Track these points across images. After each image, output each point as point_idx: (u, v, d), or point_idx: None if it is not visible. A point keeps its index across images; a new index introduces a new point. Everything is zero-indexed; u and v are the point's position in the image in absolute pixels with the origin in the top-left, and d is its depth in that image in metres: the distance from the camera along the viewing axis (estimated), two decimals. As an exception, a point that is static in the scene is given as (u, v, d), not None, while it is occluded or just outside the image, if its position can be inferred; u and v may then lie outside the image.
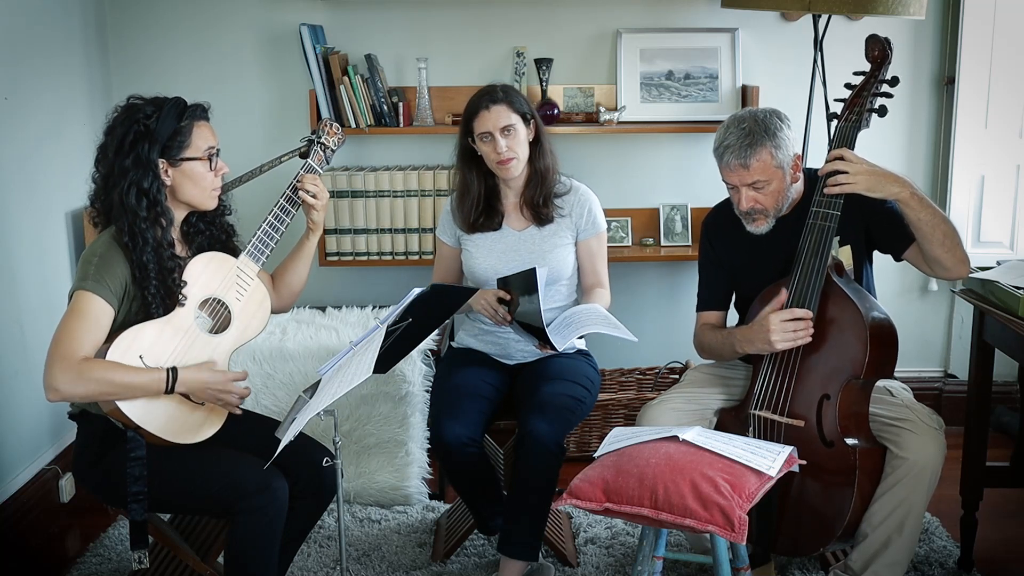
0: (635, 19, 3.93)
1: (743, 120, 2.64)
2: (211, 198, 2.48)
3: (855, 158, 2.57)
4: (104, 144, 2.42)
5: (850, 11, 3.24)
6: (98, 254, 2.36)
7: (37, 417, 3.36)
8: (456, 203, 3.05)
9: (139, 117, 2.37)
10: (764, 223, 2.71)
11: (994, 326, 2.81)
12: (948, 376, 4.18)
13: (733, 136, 2.62)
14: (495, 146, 2.88)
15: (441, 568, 3.05)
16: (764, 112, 2.66)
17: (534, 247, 2.99)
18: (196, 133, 2.43)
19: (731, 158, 2.62)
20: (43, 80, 3.42)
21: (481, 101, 2.91)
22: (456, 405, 2.83)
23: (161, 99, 2.42)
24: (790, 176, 2.67)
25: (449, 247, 3.10)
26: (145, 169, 2.35)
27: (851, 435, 2.58)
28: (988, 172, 3.94)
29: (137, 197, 2.35)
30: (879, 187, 2.54)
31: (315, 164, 2.67)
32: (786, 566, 2.99)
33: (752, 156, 2.60)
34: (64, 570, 3.08)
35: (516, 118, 2.90)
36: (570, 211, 3.01)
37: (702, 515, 2.19)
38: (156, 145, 2.36)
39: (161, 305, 2.39)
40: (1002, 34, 3.83)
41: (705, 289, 2.94)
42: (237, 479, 2.39)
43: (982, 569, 3.00)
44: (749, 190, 2.66)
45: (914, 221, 2.57)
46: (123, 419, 2.33)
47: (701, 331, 2.92)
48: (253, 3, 3.89)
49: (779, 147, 2.62)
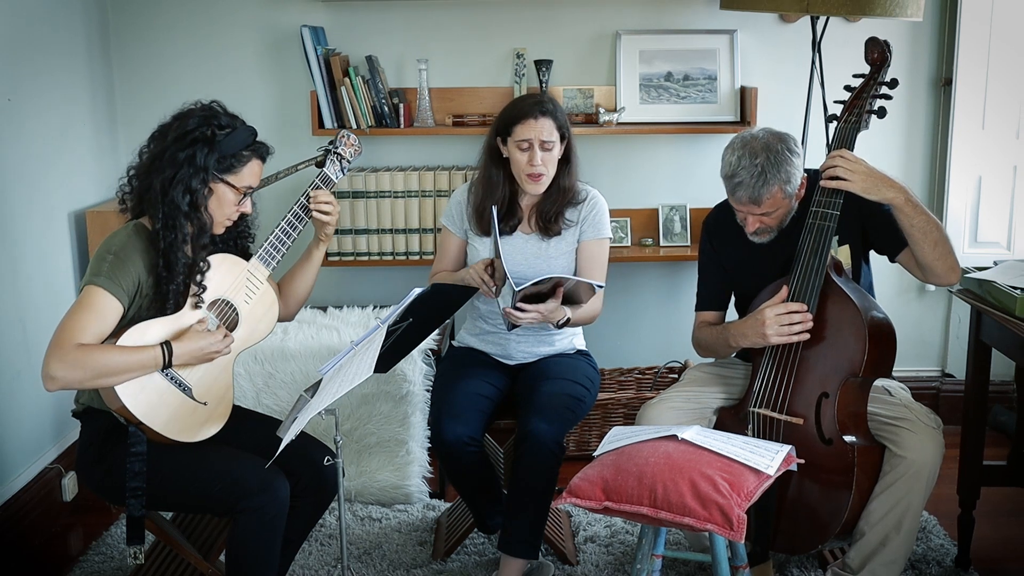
0: (634, 21, 3.92)
1: (756, 153, 2.59)
2: (221, 226, 2.48)
3: (854, 159, 2.58)
4: (167, 126, 2.41)
5: (848, 13, 3.24)
6: (113, 251, 2.35)
7: (40, 416, 3.35)
8: (474, 202, 3.00)
9: (213, 123, 2.38)
10: (767, 236, 2.73)
11: (991, 326, 2.81)
12: (945, 375, 4.18)
13: (746, 173, 2.59)
14: (532, 157, 2.85)
15: (441, 566, 3.05)
16: (776, 143, 2.61)
17: (540, 252, 2.98)
18: (248, 167, 2.44)
19: (743, 193, 2.62)
20: (46, 81, 3.41)
21: (532, 109, 2.86)
22: (457, 405, 2.82)
23: (237, 118, 2.44)
24: (795, 199, 2.69)
25: (455, 237, 3.07)
26: (197, 171, 2.35)
27: (849, 433, 2.58)
28: (985, 173, 3.94)
29: (183, 194, 2.35)
30: (875, 189, 2.55)
31: (330, 174, 2.66)
32: (784, 564, 2.99)
33: (764, 194, 2.60)
34: (66, 568, 3.07)
35: (557, 136, 2.88)
36: (579, 220, 2.99)
37: (701, 514, 2.18)
38: (214, 155, 2.37)
39: (175, 302, 2.38)
40: (999, 36, 3.83)
41: (704, 288, 2.94)
42: (239, 478, 2.38)
43: (979, 568, 2.99)
44: (758, 218, 2.67)
45: (907, 227, 2.58)
46: (127, 415, 2.33)
47: (699, 329, 2.92)
48: (254, 4, 3.89)
49: (789, 181, 2.62)
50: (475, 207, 2.99)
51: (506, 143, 2.90)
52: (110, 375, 2.27)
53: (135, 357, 2.30)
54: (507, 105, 2.98)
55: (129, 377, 2.30)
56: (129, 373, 2.29)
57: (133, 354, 2.30)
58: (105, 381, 2.28)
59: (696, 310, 2.96)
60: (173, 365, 2.35)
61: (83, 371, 2.24)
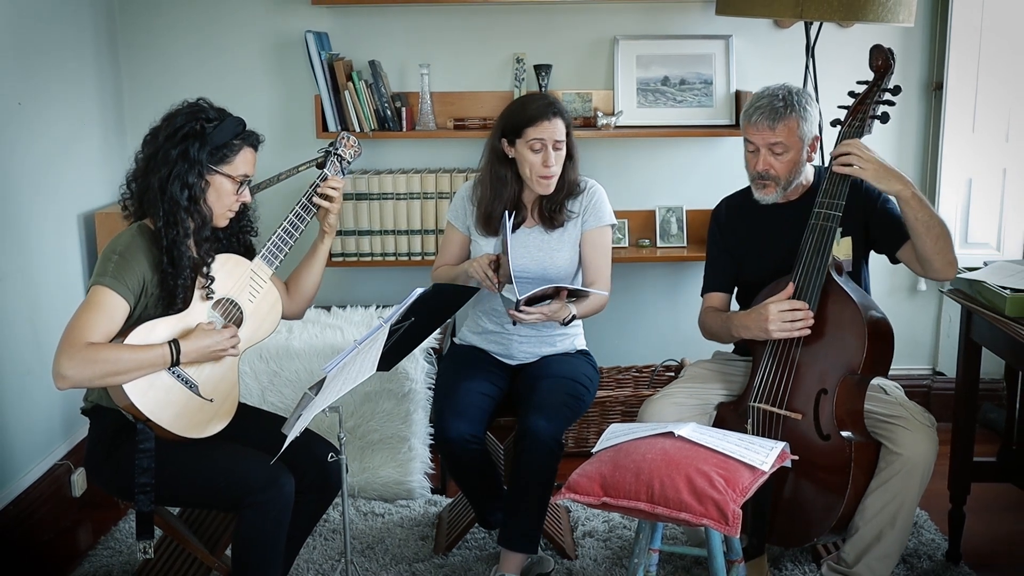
0: (632, 26, 3.92)
1: (778, 89, 2.72)
2: (223, 217, 2.48)
3: (867, 149, 2.62)
4: (158, 128, 2.42)
5: (841, 18, 3.24)
6: (118, 252, 2.35)
7: (50, 414, 3.35)
8: (480, 203, 2.98)
9: (201, 117, 2.39)
10: (773, 191, 2.75)
11: (981, 325, 2.81)
12: (936, 374, 4.17)
13: (766, 100, 2.70)
14: (546, 158, 2.84)
15: (443, 561, 3.05)
16: (797, 88, 2.74)
17: (543, 245, 2.97)
18: (241, 156, 2.44)
19: (760, 118, 2.69)
20: (55, 86, 3.41)
21: (546, 110, 2.84)
22: (460, 403, 2.82)
23: (225, 111, 2.44)
24: (807, 153, 2.73)
25: (459, 233, 3.06)
26: (191, 165, 2.36)
27: (847, 429, 2.59)
28: (975, 175, 3.94)
29: (181, 189, 2.35)
30: (885, 180, 2.59)
31: (331, 174, 2.66)
32: (779, 558, 2.98)
33: (780, 120, 2.67)
34: (76, 563, 3.07)
35: (565, 136, 2.88)
36: (580, 211, 2.98)
37: (697, 509, 2.18)
38: (205, 148, 2.37)
39: (182, 298, 2.38)
40: (989, 41, 3.82)
41: (712, 271, 2.97)
42: (244, 474, 2.38)
43: (969, 562, 2.99)
44: (768, 154, 2.71)
45: (911, 220, 2.60)
46: (135, 413, 2.32)
47: (705, 313, 2.94)
48: (260, 11, 3.88)
49: (805, 119, 2.70)
50: (482, 209, 2.97)
51: (513, 144, 2.88)
52: (119, 373, 2.27)
53: (144, 355, 2.29)
54: (512, 106, 2.95)
55: (138, 375, 2.29)
56: (138, 371, 2.29)
57: (142, 352, 2.29)
58: (114, 379, 2.28)
59: (703, 293, 2.98)
60: (181, 363, 2.35)
61: (93, 369, 2.24)
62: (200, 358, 2.39)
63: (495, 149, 2.93)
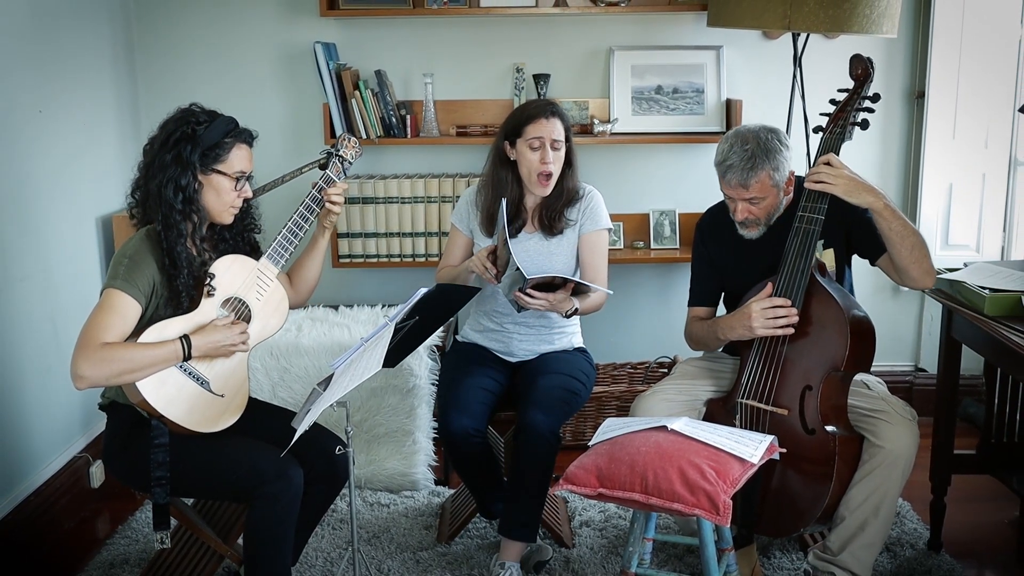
0: (627, 37, 3.92)
1: (747, 140, 2.62)
2: (228, 214, 2.48)
3: (838, 164, 2.59)
4: (154, 137, 2.43)
5: (827, 30, 3.23)
6: (128, 255, 2.35)
7: (69, 408, 3.35)
8: (483, 204, 2.98)
9: (191, 121, 2.39)
10: (756, 230, 2.73)
11: (961, 323, 2.80)
12: (918, 370, 4.17)
13: (736, 157, 2.61)
14: (543, 155, 2.84)
15: (446, 549, 3.04)
16: (766, 134, 2.64)
17: (543, 250, 2.97)
18: (234, 153, 2.43)
19: (732, 176, 2.63)
20: (74, 95, 3.41)
21: (543, 110, 2.86)
22: (463, 399, 2.81)
23: (216, 113, 2.43)
24: (783, 192, 2.69)
25: (462, 236, 3.06)
26: (184, 168, 2.36)
27: (831, 424, 2.58)
28: (956, 180, 3.93)
29: (174, 192, 2.35)
30: (855, 193, 2.55)
31: (332, 175, 2.66)
32: (767, 547, 2.98)
33: (752, 178, 2.61)
34: (94, 551, 3.07)
35: (563, 137, 2.88)
36: (578, 217, 2.98)
37: (689, 500, 2.18)
38: (197, 149, 2.37)
39: (187, 297, 2.38)
40: (969, 52, 3.82)
41: (697, 285, 2.94)
42: (255, 466, 2.38)
43: (950, 550, 2.99)
44: (746, 204, 2.67)
45: (885, 231, 2.58)
46: (148, 409, 2.32)
47: (690, 324, 2.92)
48: (271, 22, 3.88)
49: (777, 169, 2.63)
50: (485, 211, 2.98)
51: (515, 145, 2.88)
52: (135, 370, 2.27)
53: (157, 351, 2.30)
54: (515, 110, 2.96)
55: (152, 371, 2.29)
56: (152, 367, 2.29)
57: (155, 349, 2.29)
58: (130, 377, 2.28)
59: (688, 306, 2.95)
60: (192, 357, 2.35)
61: (109, 368, 2.24)
62: (211, 353, 2.39)
63: (498, 152, 2.94)
